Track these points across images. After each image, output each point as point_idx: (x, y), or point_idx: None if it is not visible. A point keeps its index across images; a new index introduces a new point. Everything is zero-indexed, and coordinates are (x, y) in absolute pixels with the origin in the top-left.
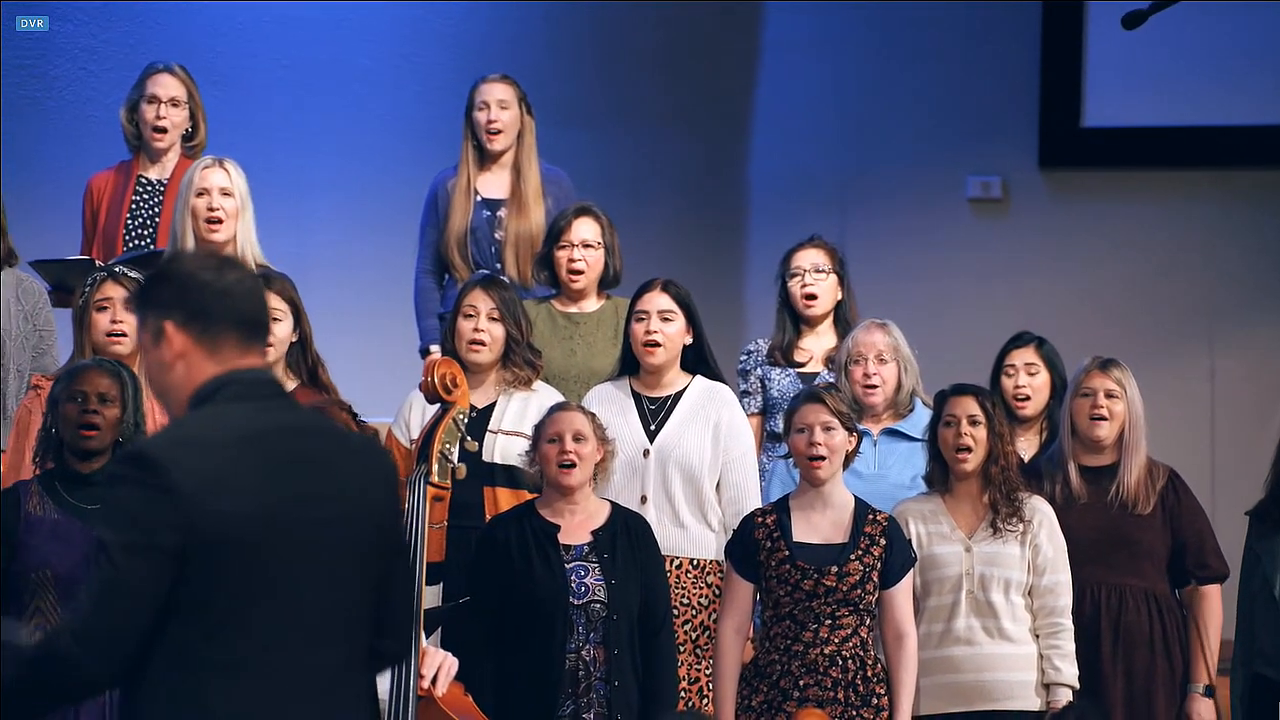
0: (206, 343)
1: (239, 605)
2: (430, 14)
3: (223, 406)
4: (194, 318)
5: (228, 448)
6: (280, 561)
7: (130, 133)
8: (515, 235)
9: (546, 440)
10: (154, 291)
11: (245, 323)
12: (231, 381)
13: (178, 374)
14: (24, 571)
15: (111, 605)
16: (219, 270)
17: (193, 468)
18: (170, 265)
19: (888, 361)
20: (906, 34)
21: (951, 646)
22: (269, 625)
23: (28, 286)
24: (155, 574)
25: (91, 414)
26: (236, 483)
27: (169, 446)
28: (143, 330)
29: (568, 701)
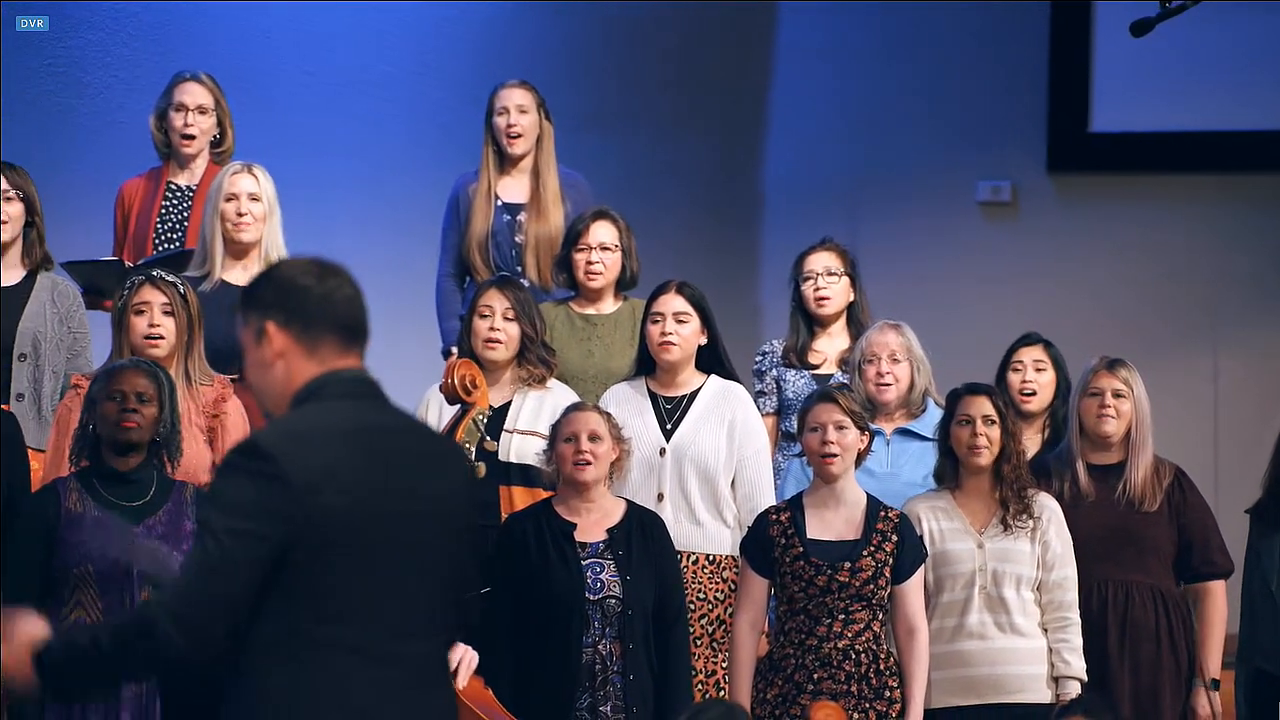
0: (306, 343)
1: (351, 591)
2: (451, 21)
3: (325, 404)
4: (294, 319)
5: (333, 443)
6: (381, 553)
7: (159, 140)
8: (535, 238)
9: (563, 439)
10: (257, 293)
11: (345, 326)
12: (332, 381)
13: (278, 372)
14: (64, 567)
15: (209, 586)
16: (320, 275)
17: (302, 460)
18: (274, 269)
19: (900, 361)
20: (918, 41)
21: (964, 641)
22: (379, 611)
23: (62, 289)
24: (255, 560)
25: (130, 413)
26: (342, 476)
27: (280, 439)
28: (245, 329)
29: (584, 695)
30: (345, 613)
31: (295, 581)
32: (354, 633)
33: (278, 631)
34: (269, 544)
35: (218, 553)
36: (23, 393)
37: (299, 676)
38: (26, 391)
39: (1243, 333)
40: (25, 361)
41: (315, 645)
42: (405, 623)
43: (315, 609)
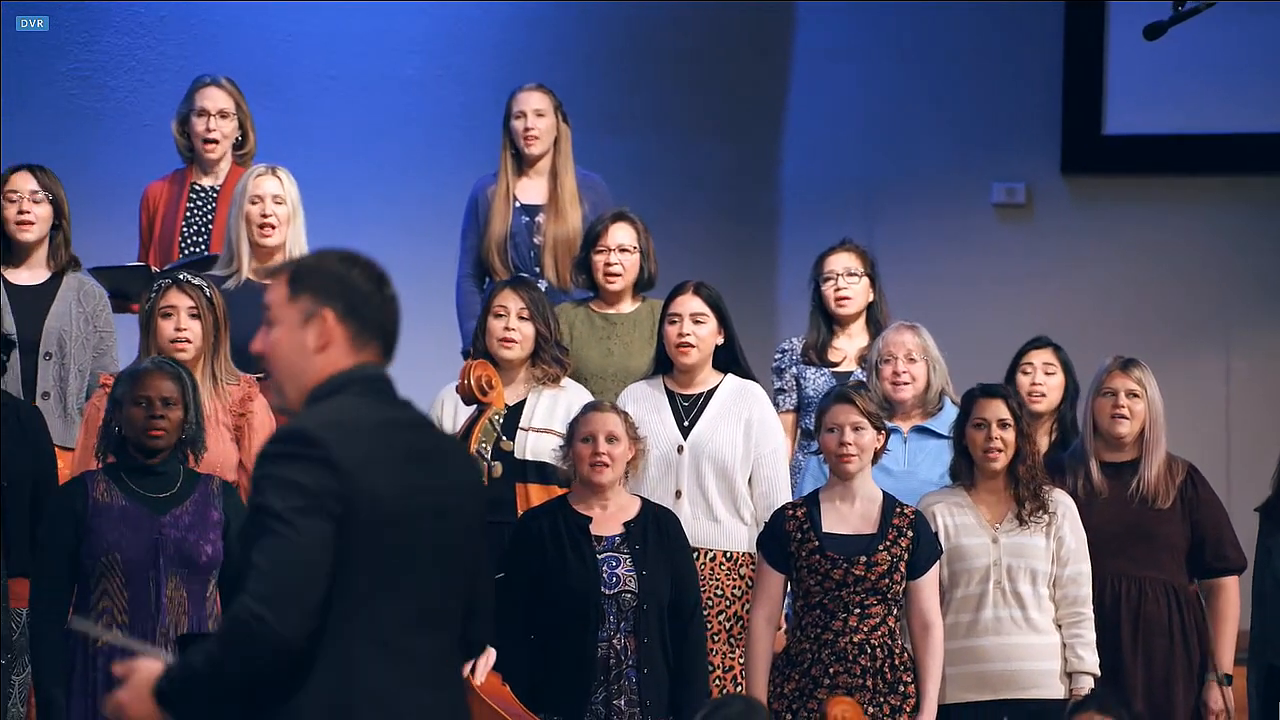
0: (356, 341)
1: (375, 584)
2: (472, 26)
3: (352, 399)
4: (353, 315)
5: (367, 435)
6: (409, 546)
7: (182, 145)
8: (553, 239)
9: (580, 439)
10: (318, 278)
11: (390, 334)
12: (361, 376)
13: (315, 358)
14: (92, 555)
15: (292, 566)
16: (380, 282)
17: (346, 447)
18: (333, 260)
19: (917, 361)
20: (934, 45)
21: (980, 636)
22: (399, 606)
23: (88, 290)
24: (327, 535)
25: (158, 419)
26: (378, 466)
27: (322, 427)
28: (289, 305)
29: (600, 688)
30: (367, 605)
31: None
32: (373, 625)
33: None
34: (334, 520)
35: (288, 533)
36: (48, 390)
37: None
38: (52, 389)
39: (1254, 333)
40: (51, 360)
41: (345, 639)
42: (422, 617)
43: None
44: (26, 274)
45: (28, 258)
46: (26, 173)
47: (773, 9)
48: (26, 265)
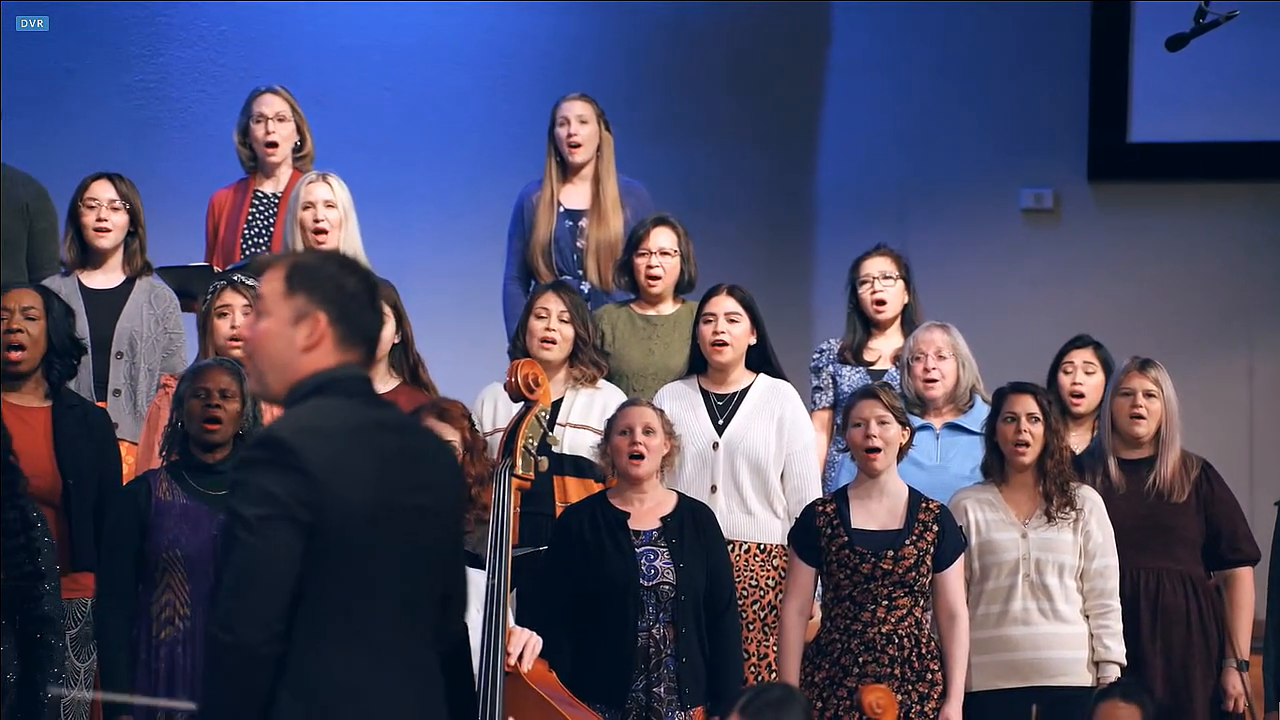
0: (343, 345)
1: (351, 584)
2: (519, 40)
3: (331, 400)
4: (343, 320)
5: (341, 438)
6: (386, 546)
7: (244, 155)
8: (596, 243)
9: (618, 433)
10: (316, 281)
11: (373, 343)
12: (339, 378)
13: (301, 359)
14: (155, 551)
15: (258, 574)
16: (371, 291)
17: (318, 453)
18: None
19: (946, 359)
20: (964, 57)
21: (1009, 626)
22: (375, 604)
23: (159, 293)
24: (294, 543)
25: (214, 409)
26: (352, 471)
27: (296, 433)
28: (283, 301)
29: (640, 676)
30: (344, 604)
31: (311, 572)
32: (358, 623)
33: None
34: (301, 527)
35: (255, 541)
36: (119, 389)
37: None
38: (123, 388)
39: (1276, 334)
40: (123, 360)
41: (324, 638)
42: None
43: (325, 601)
44: (101, 277)
45: (104, 262)
46: (106, 181)
47: (809, 23)
48: (102, 269)
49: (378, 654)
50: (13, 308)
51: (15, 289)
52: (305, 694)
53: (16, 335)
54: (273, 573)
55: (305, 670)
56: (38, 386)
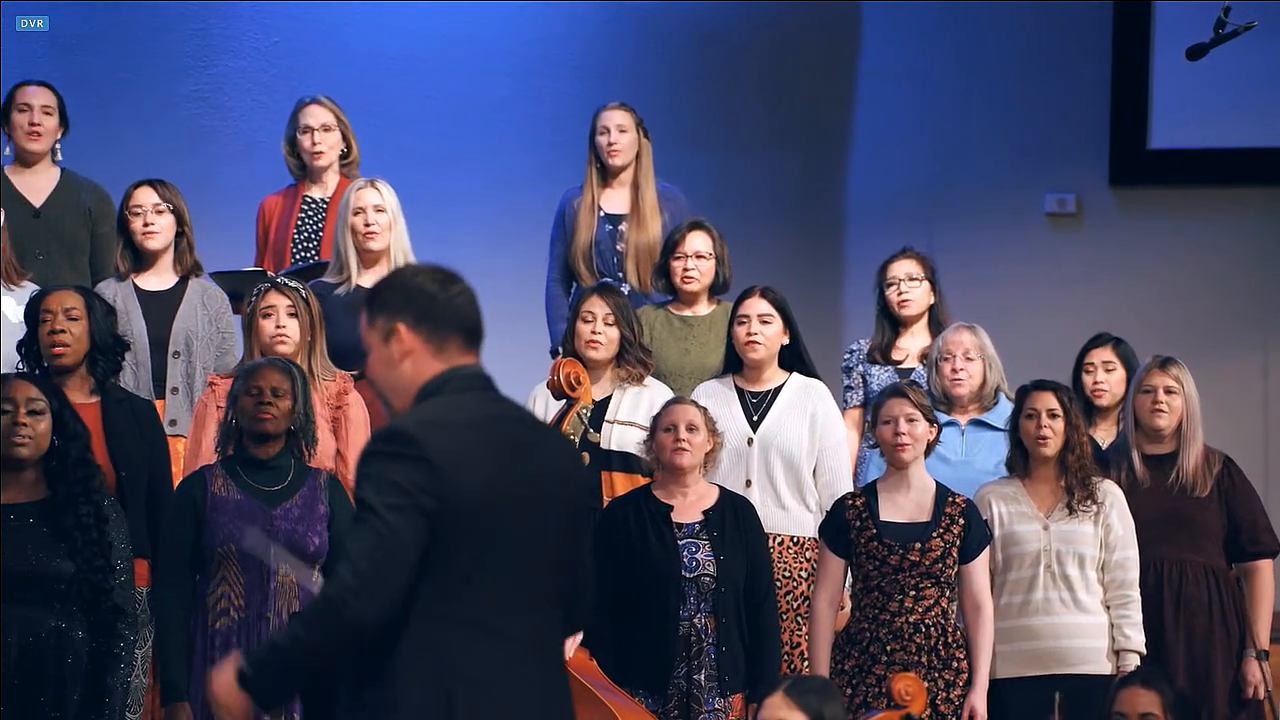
0: (434, 343)
1: (472, 569)
2: (560, 49)
3: (451, 397)
4: (423, 321)
5: (462, 431)
6: (505, 533)
7: (293, 164)
8: (635, 247)
9: (663, 430)
10: (385, 296)
11: (467, 328)
12: (455, 377)
13: (405, 370)
14: (210, 545)
15: (381, 557)
16: (445, 282)
17: (440, 444)
18: (400, 275)
19: (974, 360)
20: (989, 66)
21: (1031, 616)
22: (496, 589)
23: (211, 293)
24: (418, 531)
25: (266, 406)
26: (473, 461)
27: (419, 426)
28: (371, 330)
29: (681, 664)
30: (465, 589)
31: (435, 560)
32: (471, 608)
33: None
34: (426, 515)
35: (383, 528)
36: (177, 386)
37: (431, 653)
38: (180, 385)
39: None
40: (179, 359)
41: (435, 620)
42: (519, 599)
43: (439, 586)
44: (155, 279)
45: (155, 264)
46: (148, 187)
47: (840, 34)
48: (154, 272)
49: (501, 639)
50: (55, 309)
51: (57, 291)
52: (432, 681)
53: (60, 335)
54: (398, 556)
55: (430, 653)
56: (84, 383)
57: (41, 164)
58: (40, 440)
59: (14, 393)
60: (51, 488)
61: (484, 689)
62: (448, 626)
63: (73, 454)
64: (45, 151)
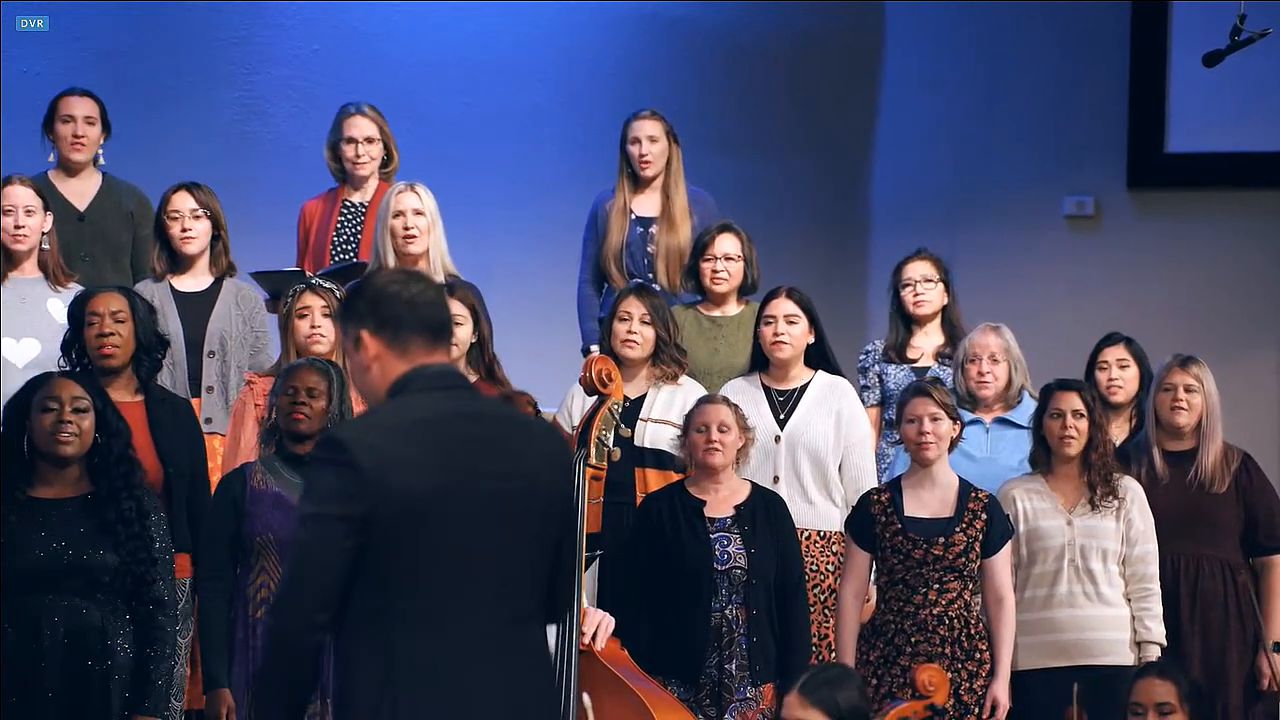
0: (397, 346)
1: (416, 567)
2: (593, 57)
3: (410, 397)
4: (384, 325)
5: (408, 430)
6: (452, 530)
7: (335, 169)
8: (665, 249)
9: (695, 429)
10: (351, 305)
11: (430, 327)
12: (419, 376)
13: (374, 374)
14: (250, 536)
15: (304, 568)
16: (405, 283)
17: (374, 449)
18: (364, 282)
19: (1000, 361)
20: (1010, 71)
21: (1055, 609)
22: (444, 583)
23: (245, 294)
24: (336, 539)
25: (301, 406)
26: (412, 462)
27: (355, 430)
28: (345, 339)
29: (713, 654)
30: (410, 585)
31: (376, 561)
32: (419, 602)
33: (365, 609)
34: (348, 525)
35: (305, 538)
36: (212, 385)
37: (382, 649)
38: (215, 384)
39: None
40: (214, 358)
41: (395, 619)
42: (471, 593)
43: (394, 585)
44: (191, 281)
45: (191, 266)
46: (185, 192)
47: (863, 41)
48: (190, 273)
49: (454, 635)
50: (102, 312)
51: (102, 294)
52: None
53: (109, 338)
54: (317, 567)
55: (379, 652)
56: (129, 382)
57: (85, 170)
58: (84, 437)
59: (59, 391)
60: (95, 483)
61: (429, 680)
62: (393, 621)
63: (115, 450)
64: (88, 160)
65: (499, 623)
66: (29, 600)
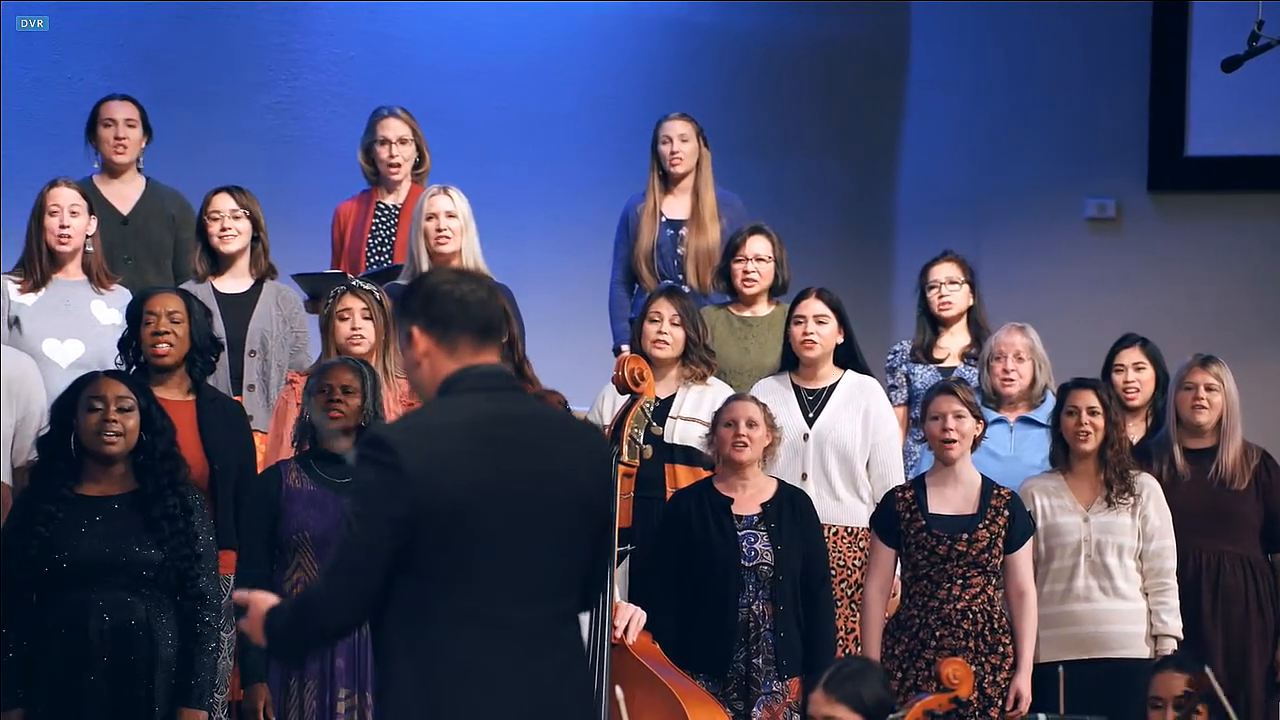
0: (446, 344)
1: (459, 566)
2: (624, 64)
3: (457, 397)
4: (434, 323)
5: (452, 432)
6: (495, 528)
7: (368, 171)
8: (695, 250)
9: (724, 425)
10: (405, 303)
11: (478, 326)
12: (466, 376)
13: (424, 370)
14: (286, 534)
15: (348, 564)
16: (457, 282)
17: (419, 449)
18: (419, 279)
19: (1025, 360)
20: (1033, 76)
21: (1072, 603)
22: (486, 584)
23: (285, 294)
24: (382, 539)
25: (336, 403)
26: (456, 463)
27: (401, 431)
28: (398, 334)
29: (740, 649)
30: (455, 582)
31: (420, 558)
32: (470, 601)
33: (408, 606)
34: (393, 524)
35: (349, 535)
36: (253, 384)
37: (424, 643)
38: (256, 383)
39: None
40: (255, 357)
41: (438, 615)
42: (514, 590)
43: (438, 582)
44: (232, 282)
45: (232, 268)
46: (226, 194)
47: (889, 47)
48: (231, 274)
49: (492, 629)
50: (159, 311)
51: (160, 294)
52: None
53: (164, 336)
54: (359, 567)
55: (420, 646)
56: (181, 382)
57: (128, 173)
58: (129, 436)
59: (104, 390)
60: (140, 480)
61: (470, 677)
62: (440, 619)
63: (160, 448)
64: (131, 163)
65: (539, 620)
66: (76, 595)
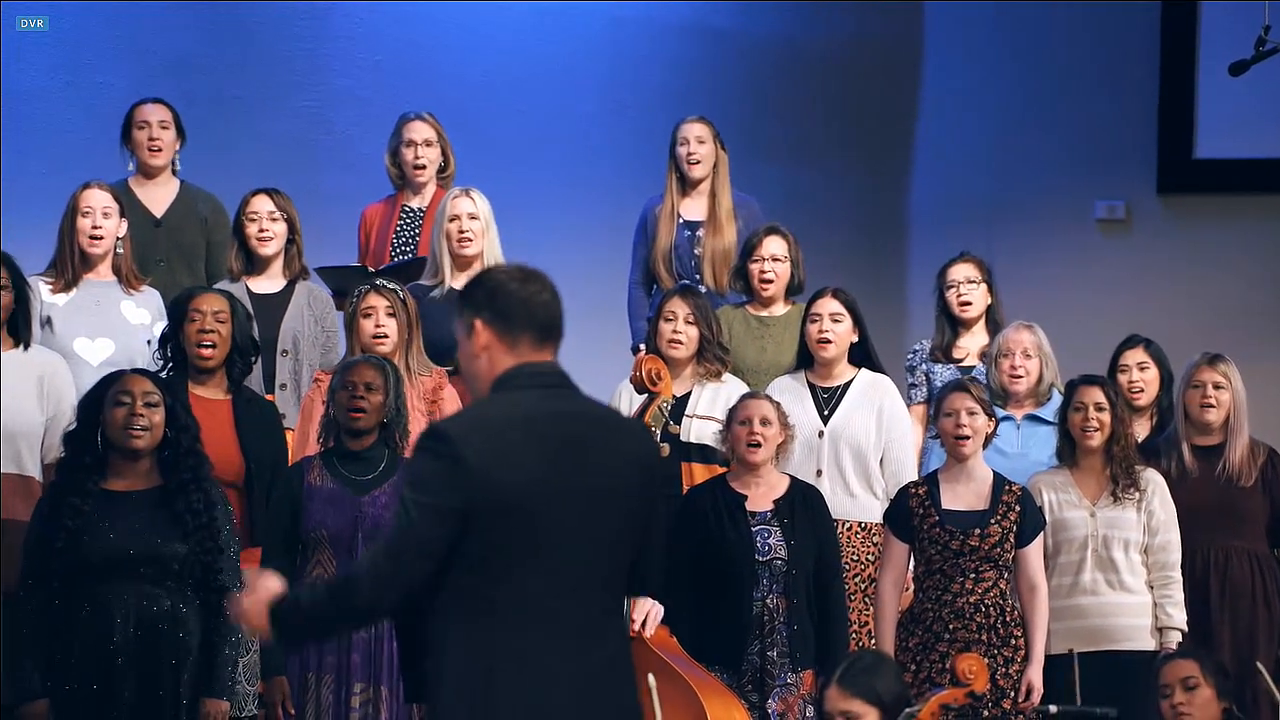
0: (507, 339)
1: (515, 559)
2: (642, 68)
3: (514, 393)
4: (498, 317)
5: (511, 428)
6: (549, 524)
7: (394, 174)
8: (712, 251)
9: (738, 423)
10: (470, 294)
11: (540, 325)
12: (523, 372)
13: (482, 363)
14: (306, 530)
15: (400, 550)
16: (524, 281)
17: (479, 444)
18: (484, 273)
19: (1032, 358)
20: (1043, 81)
21: (1079, 596)
22: (540, 576)
23: (317, 295)
24: (438, 529)
25: (359, 400)
26: (514, 457)
27: (462, 425)
28: (458, 324)
29: (755, 642)
30: (511, 576)
31: (473, 552)
32: (517, 594)
33: (460, 599)
34: (449, 515)
35: (406, 522)
36: (285, 383)
37: (478, 636)
38: (288, 382)
39: None
40: (287, 356)
41: (492, 608)
42: (568, 585)
43: (490, 576)
44: (266, 283)
45: (266, 269)
46: (264, 196)
47: (903, 51)
48: (265, 275)
49: (544, 622)
50: (205, 310)
51: (206, 294)
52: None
53: (209, 335)
54: (415, 552)
55: (475, 638)
56: (220, 381)
57: (162, 176)
58: (155, 431)
59: (131, 386)
60: (165, 476)
61: (524, 668)
62: (494, 611)
63: (184, 444)
64: (165, 165)
65: (589, 613)
66: (102, 588)
